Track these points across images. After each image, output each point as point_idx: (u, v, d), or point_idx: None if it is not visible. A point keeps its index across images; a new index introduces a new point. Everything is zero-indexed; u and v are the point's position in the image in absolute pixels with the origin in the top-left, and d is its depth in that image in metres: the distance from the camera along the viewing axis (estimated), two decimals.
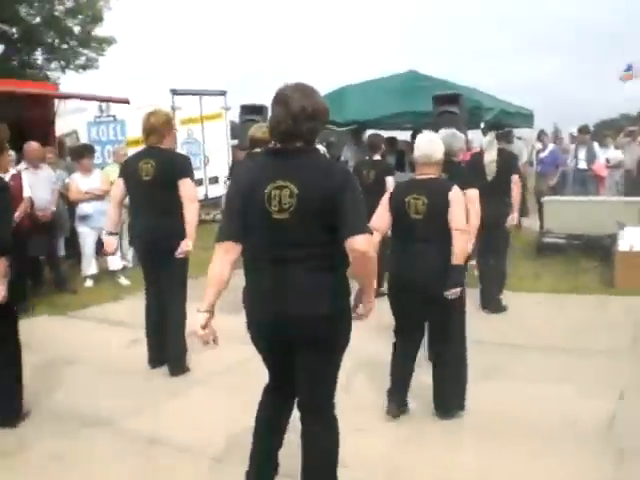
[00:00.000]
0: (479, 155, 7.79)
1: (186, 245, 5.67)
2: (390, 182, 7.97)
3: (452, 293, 4.53)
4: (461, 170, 6.22)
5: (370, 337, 5.79)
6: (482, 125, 9.95)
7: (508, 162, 7.80)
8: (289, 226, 3.10)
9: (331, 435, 3.39)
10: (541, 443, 4.34)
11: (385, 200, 4.82)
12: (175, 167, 5.72)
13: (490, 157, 7.62)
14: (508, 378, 5.57)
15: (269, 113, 3.30)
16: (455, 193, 4.59)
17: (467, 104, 9.64)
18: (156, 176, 5.63)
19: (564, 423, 4.65)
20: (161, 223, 5.63)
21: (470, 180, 5.77)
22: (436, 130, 8.00)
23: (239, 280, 3.30)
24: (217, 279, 3.23)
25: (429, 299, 4.57)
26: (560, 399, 5.07)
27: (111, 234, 6.00)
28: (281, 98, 3.16)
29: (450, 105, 9.19)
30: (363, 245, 3.01)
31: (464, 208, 4.66)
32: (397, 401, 4.82)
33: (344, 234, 3.02)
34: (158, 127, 5.73)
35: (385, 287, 5.25)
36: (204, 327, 3.23)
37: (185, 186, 5.65)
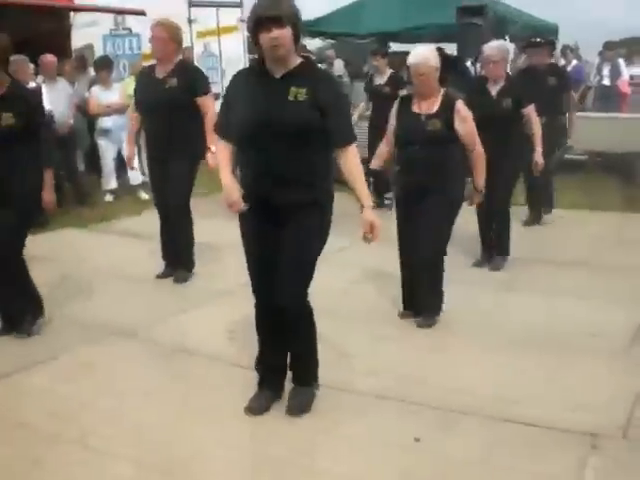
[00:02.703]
0: None
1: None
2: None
3: None
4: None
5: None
6: (507, 38, 9.63)
7: None
8: None
9: None
10: (559, 355, 4.37)
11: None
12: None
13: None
14: (529, 291, 5.58)
15: None
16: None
17: (492, 16, 9.34)
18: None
19: (585, 335, 4.67)
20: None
21: None
22: (461, 43, 7.88)
23: None
24: None
25: None
26: (581, 312, 5.09)
27: None
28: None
29: (475, 17, 8.90)
30: None
31: None
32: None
33: None
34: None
35: None
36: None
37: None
